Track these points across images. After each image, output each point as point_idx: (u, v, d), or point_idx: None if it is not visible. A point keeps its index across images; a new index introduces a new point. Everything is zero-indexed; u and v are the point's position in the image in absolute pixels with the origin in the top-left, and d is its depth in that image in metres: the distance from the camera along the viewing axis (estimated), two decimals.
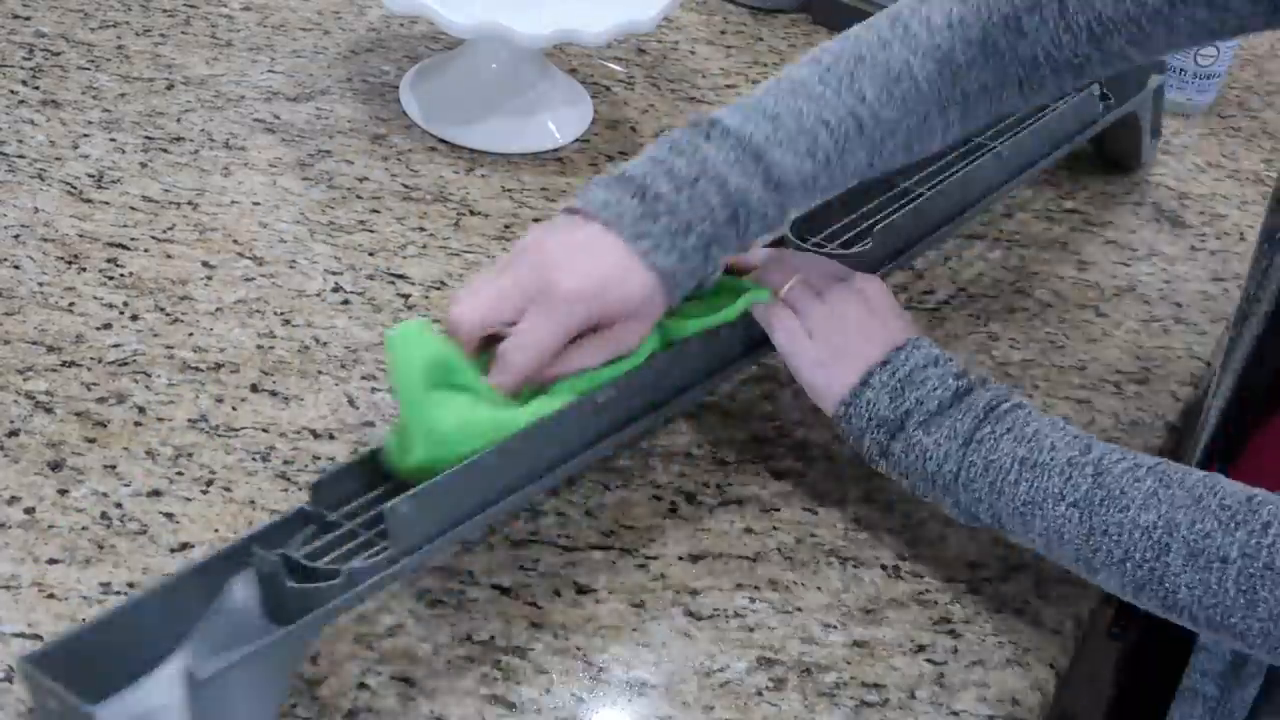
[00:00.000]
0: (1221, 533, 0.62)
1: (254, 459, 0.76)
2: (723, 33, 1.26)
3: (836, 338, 0.75)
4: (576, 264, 0.68)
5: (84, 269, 0.87)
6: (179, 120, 1.01)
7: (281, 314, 0.86)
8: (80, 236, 0.89)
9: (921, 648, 0.73)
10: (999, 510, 0.69)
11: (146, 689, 0.60)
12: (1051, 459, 0.68)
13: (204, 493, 0.74)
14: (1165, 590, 0.64)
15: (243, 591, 0.61)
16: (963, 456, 0.70)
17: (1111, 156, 1.14)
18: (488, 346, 0.69)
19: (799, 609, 0.74)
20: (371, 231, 0.94)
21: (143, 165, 0.96)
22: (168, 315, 0.85)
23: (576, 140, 1.07)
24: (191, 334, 0.83)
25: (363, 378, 0.82)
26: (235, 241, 0.91)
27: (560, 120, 1.07)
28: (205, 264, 0.89)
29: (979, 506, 0.70)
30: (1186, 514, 0.63)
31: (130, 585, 0.69)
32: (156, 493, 0.73)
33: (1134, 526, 0.64)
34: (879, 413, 0.73)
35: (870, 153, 0.76)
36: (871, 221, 0.88)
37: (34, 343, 0.81)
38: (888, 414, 0.72)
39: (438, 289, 0.90)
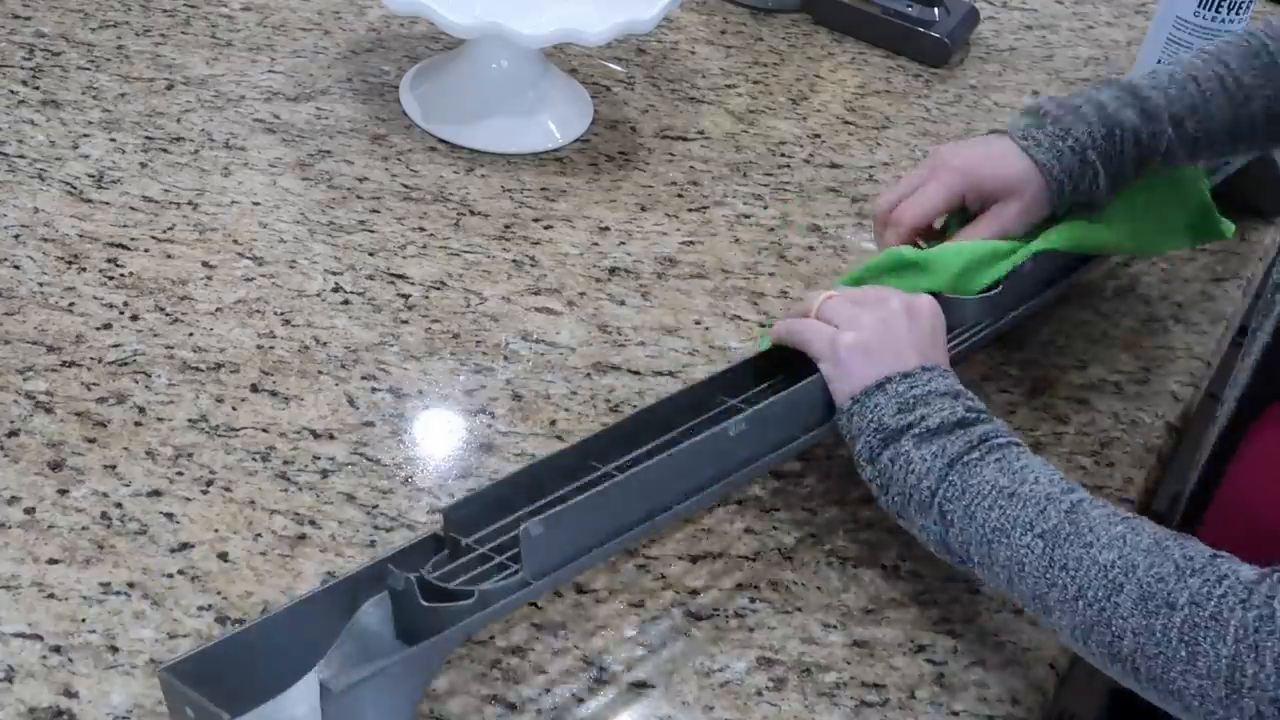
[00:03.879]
0: (1175, 578, 0.60)
1: (254, 459, 0.76)
2: (723, 33, 1.26)
3: (868, 336, 0.74)
4: (969, 149, 0.87)
5: (84, 269, 0.87)
6: (179, 120, 1.01)
7: (281, 314, 0.86)
8: (80, 236, 0.89)
9: (921, 648, 0.73)
10: (968, 536, 0.68)
11: (282, 703, 0.60)
12: (1030, 491, 0.66)
13: (204, 493, 0.74)
14: (1111, 634, 0.62)
15: (375, 613, 0.62)
16: (944, 475, 0.69)
17: (1249, 202, 1.08)
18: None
19: (799, 609, 0.74)
20: (371, 231, 0.94)
21: (143, 165, 0.96)
22: (168, 315, 0.85)
23: (576, 140, 1.07)
24: (191, 334, 0.83)
25: (363, 378, 0.82)
26: (235, 241, 0.91)
27: (560, 120, 1.07)
28: (205, 264, 0.89)
29: (950, 531, 0.69)
30: (1146, 557, 0.62)
31: (130, 585, 0.69)
32: (156, 493, 0.73)
33: (1092, 563, 0.63)
34: (881, 418, 0.71)
35: (1233, 110, 0.88)
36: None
37: (34, 343, 0.81)
38: (889, 422, 0.71)
39: (438, 289, 0.90)
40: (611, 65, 1.18)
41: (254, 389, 0.81)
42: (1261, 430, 0.80)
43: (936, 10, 1.26)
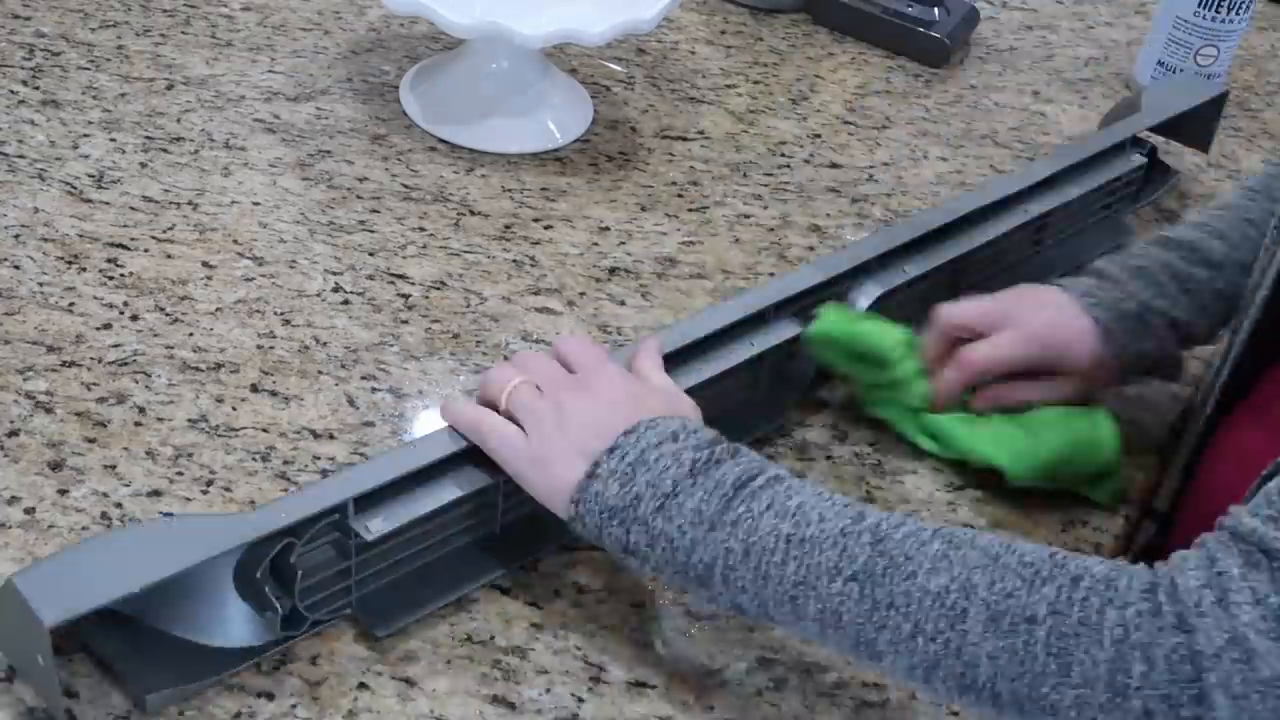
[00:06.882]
0: (1026, 590, 0.56)
1: (254, 459, 0.76)
2: (723, 33, 1.26)
3: (560, 433, 0.66)
4: (1039, 309, 0.82)
5: (84, 269, 0.87)
6: (179, 120, 1.01)
7: (281, 314, 0.86)
8: (80, 236, 0.89)
9: None
10: (765, 599, 0.61)
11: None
12: (822, 531, 0.60)
13: (204, 493, 0.74)
14: (963, 665, 0.57)
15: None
16: (716, 541, 0.62)
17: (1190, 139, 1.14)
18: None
19: None
20: (371, 231, 0.94)
21: (143, 165, 0.96)
22: (168, 315, 0.85)
23: (576, 140, 1.07)
24: (191, 334, 0.83)
25: (363, 378, 0.82)
26: (235, 241, 0.91)
27: (560, 120, 1.07)
28: (205, 264, 0.89)
29: (743, 597, 0.62)
30: (984, 574, 0.57)
31: None
32: (156, 493, 0.73)
33: (923, 594, 0.57)
34: (608, 503, 0.64)
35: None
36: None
37: (34, 343, 0.81)
38: (616, 502, 0.63)
39: (438, 289, 0.90)
40: (611, 65, 1.18)
41: (254, 389, 0.81)
42: (1231, 430, 0.80)
43: (936, 10, 1.26)
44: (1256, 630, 0.53)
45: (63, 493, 0.72)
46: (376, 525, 0.66)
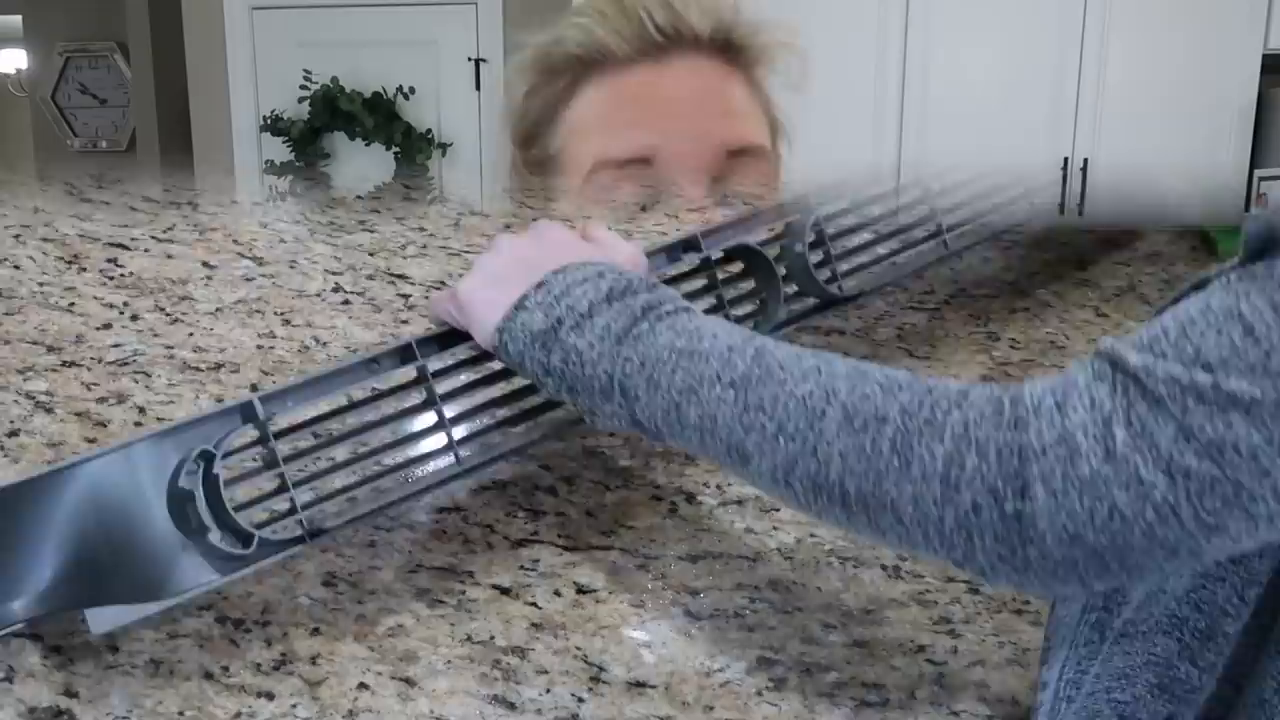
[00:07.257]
0: (883, 395, 0.60)
1: (254, 459, 0.76)
2: None
3: (494, 269, 0.71)
4: None
5: (84, 269, 0.87)
6: None
7: (281, 314, 0.86)
8: (80, 236, 0.89)
9: (921, 648, 0.73)
10: (654, 408, 0.65)
11: None
12: (711, 346, 0.64)
13: None
14: (817, 463, 0.60)
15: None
16: (617, 354, 0.66)
17: None
18: None
19: (799, 609, 0.74)
20: (371, 231, 0.94)
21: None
22: (168, 315, 0.85)
23: None
24: (191, 334, 0.83)
25: None
26: (235, 241, 0.91)
27: None
28: (205, 264, 0.89)
29: (636, 405, 0.66)
30: (846, 381, 0.61)
31: None
32: None
33: (790, 397, 0.61)
34: (533, 329, 0.68)
35: None
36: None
37: (34, 343, 0.81)
38: (541, 326, 0.68)
39: (438, 289, 0.90)
40: None
41: (254, 389, 0.81)
42: None
43: None
44: (1084, 431, 0.55)
45: None
46: (287, 418, 0.66)
